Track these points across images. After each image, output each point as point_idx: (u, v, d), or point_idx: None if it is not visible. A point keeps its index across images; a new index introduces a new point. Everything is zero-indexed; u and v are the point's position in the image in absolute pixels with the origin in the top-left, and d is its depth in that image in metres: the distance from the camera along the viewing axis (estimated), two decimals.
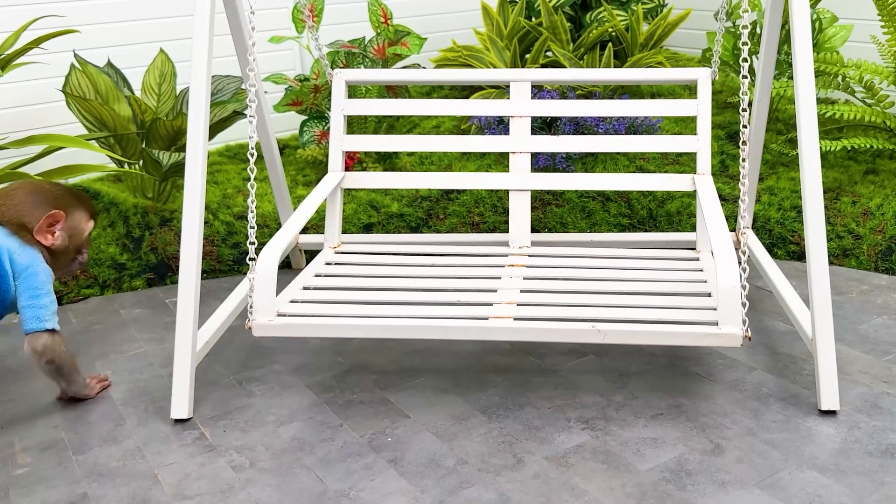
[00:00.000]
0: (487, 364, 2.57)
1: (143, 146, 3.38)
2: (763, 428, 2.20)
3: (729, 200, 3.42)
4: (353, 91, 3.62)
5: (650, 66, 3.75)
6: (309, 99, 3.73)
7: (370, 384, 2.49)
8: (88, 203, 2.52)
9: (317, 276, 2.68)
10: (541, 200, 3.47)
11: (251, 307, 2.29)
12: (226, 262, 3.29)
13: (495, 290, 2.50)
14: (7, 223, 2.35)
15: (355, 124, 3.76)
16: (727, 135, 3.90)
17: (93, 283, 3.14)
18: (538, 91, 3.74)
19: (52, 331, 2.30)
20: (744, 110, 2.30)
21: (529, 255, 2.80)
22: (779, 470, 2.04)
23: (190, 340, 2.31)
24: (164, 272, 3.21)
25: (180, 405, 2.31)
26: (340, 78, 2.99)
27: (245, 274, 2.82)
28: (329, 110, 3.73)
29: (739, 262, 2.20)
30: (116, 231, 3.28)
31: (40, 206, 2.37)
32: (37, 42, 3.09)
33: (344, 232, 3.21)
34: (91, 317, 2.95)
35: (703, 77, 2.87)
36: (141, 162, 3.46)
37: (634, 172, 3.44)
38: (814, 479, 2.00)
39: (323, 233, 3.19)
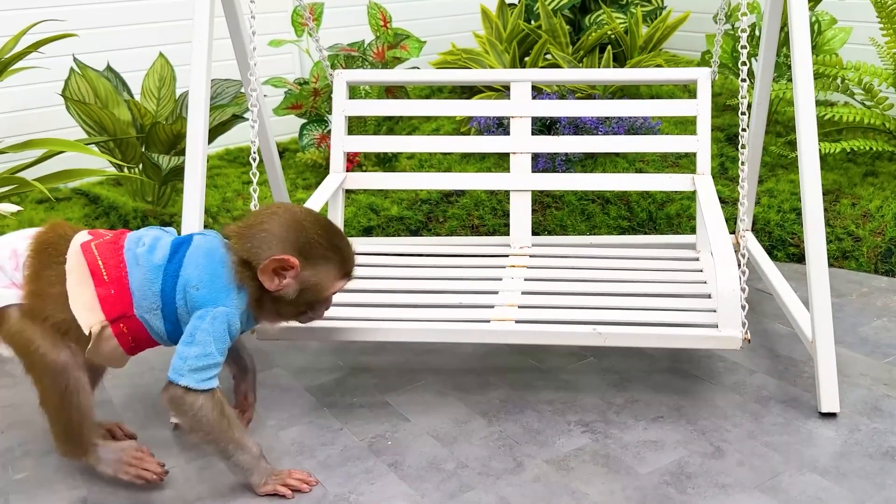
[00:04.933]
0: (488, 366, 2.57)
1: (143, 150, 3.38)
2: (763, 431, 2.20)
3: (729, 203, 3.42)
4: (353, 94, 3.62)
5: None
6: (308, 102, 3.73)
7: (370, 387, 2.48)
8: (347, 259, 2.00)
9: None
10: (540, 203, 3.47)
11: None
12: None
13: (496, 292, 2.50)
14: (234, 248, 1.93)
15: (355, 129, 3.76)
16: (726, 137, 3.90)
17: None
18: (538, 94, 3.74)
19: (187, 388, 1.89)
20: (743, 114, 2.30)
21: (530, 256, 2.80)
22: (779, 473, 2.04)
23: None
24: None
25: None
26: (341, 79, 2.99)
27: None
28: (328, 114, 3.73)
29: (739, 265, 2.20)
30: None
31: (280, 245, 1.91)
32: (36, 46, 3.09)
33: None
34: None
35: (703, 77, 2.87)
36: (140, 166, 3.46)
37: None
38: (814, 482, 2.00)
39: None
